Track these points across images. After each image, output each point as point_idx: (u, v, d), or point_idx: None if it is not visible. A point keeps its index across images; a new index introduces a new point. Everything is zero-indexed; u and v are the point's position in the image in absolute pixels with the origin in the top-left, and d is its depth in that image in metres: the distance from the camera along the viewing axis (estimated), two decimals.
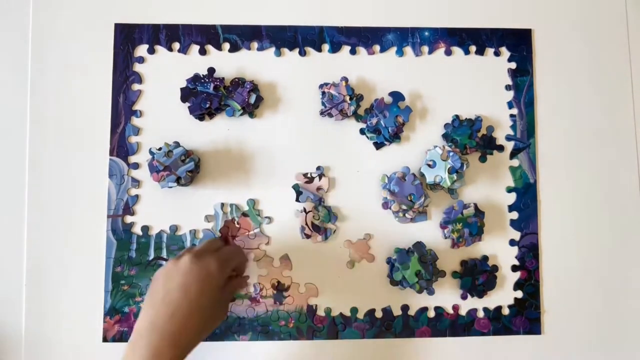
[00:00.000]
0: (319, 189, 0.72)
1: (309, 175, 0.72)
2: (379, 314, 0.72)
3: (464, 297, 0.72)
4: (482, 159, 0.75)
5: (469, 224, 0.71)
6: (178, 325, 0.58)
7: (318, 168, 0.73)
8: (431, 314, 0.72)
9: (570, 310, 0.74)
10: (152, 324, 0.58)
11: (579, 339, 0.74)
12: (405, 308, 0.72)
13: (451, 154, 0.70)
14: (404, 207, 0.69)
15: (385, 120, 0.73)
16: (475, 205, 0.72)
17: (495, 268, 0.73)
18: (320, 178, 0.72)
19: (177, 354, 0.58)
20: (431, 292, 0.70)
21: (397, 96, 0.74)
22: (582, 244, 0.75)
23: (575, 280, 0.74)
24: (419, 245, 0.71)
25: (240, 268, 0.67)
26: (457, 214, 0.72)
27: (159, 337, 0.57)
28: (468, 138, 0.74)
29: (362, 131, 0.74)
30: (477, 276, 0.72)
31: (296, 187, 0.72)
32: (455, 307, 0.72)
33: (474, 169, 0.74)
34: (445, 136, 0.74)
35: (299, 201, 0.72)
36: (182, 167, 0.68)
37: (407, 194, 0.70)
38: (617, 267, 0.75)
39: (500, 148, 0.75)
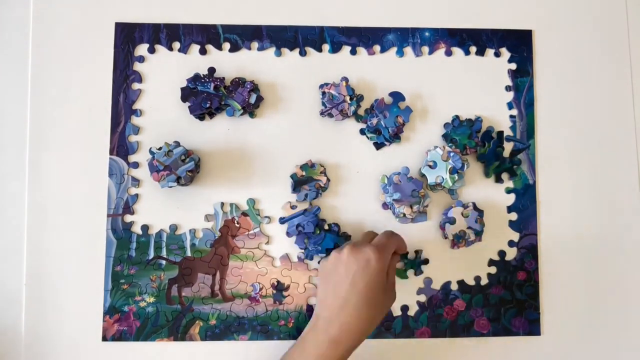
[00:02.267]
0: (317, 183, 0.75)
1: (308, 163, 0.75)
2: None
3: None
4: (482, 157, 0.76)
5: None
6: (350, 316, 0.63)
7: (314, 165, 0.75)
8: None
9: (569, 311, 0.76)
10: (328, 314, 0.64)
11: (579, 340, 0.75)
12: (405, 308, 0.74)
13: (452, 154, 0.72)
14: (412, 205, 0.71)
15: (386, 120, 0.75)
16: (474, 205, 0.74)
17: None
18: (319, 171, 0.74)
19: (353, 342, 0.64)
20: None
21: (397, 96, 0.76)
22: (581, 245, 0.76)
23: (574, 281, 0.76)
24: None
25: (401, 249, 0.70)
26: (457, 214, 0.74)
27: (335, 326, 0.63)
28: (467, 138, 0.75)
29: (362, 131, 0.76)
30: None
31: (294, 177, 0.74)
32: (455, 307, 0.74)
33: (475, 169, 0.76)
34: (445, 136, 0.76)
35: (295, 192, 0.74)
36: (182, 166, 0.70)
37: (410, 192, 0.72)
38: (617, 268, 0.76)
39: (500, 148, 0.76)
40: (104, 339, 0.72)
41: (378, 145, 0.76)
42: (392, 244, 0.68)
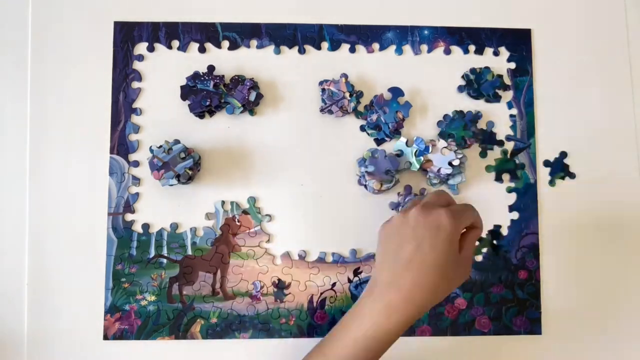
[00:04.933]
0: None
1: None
2: None
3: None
4: (483, 154, 0.80)
5: None
6: (412, 282, 0.59)
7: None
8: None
9: (570, 311, 0.78)
10: (387, 277, 0.61)
11: (580, 340, 0.78)
12: None
13: (416, 138, 0.77)
14: (384, 182, 0.75)
15: (385, 116, 0.78)
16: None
17: None
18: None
19: (412, 310, 0.60)
20: None
21: (396, 92, 0.80)
22: (582, 244, 0.80)
23: (575, 281, 0.79)
24: None
25: (476, 226, 0.65)
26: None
27: (394, 291, 0.60)
28: (463, 129, 0.79)
29: (362, 128, 0.79)
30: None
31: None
32: (457, 306, 0.78)
33: (475, 168, 0.80)
34: (441, 134, 0.79)
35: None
36: (181, 163, 0.73)
37: (384, 169, 0.76)
38: (618, 268, 0.80)
39: (501, 143, 0.80)
40: (105, 337, 0.75)
41: (379, 142, 0.79)
42: (469, 214, 0.63)
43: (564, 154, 0.81)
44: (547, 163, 0.81)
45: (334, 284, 0.78)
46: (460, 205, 0.64)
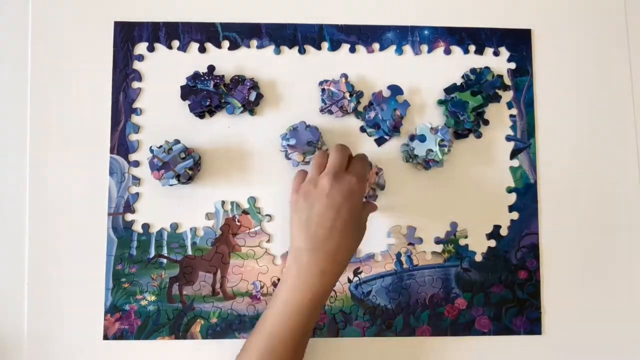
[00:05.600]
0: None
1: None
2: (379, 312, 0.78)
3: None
4: (477, 133, 0.81)
5: (460, 246, 0.79)
6: (336, 244, 0.66)
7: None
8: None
9: (570, 311, 0.79)
10: (311, 244, 0.66)
11: (580, 339, 0.79)
12: (406, 307, 0.78)
13: (441, 127, 0.77)
14: (307, 153, 0.76)
15: (383, 113, 0.79)
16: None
17: None
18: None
19: (338, 270, 0.68)
20: None
21: (395, 90, 0.80)
22: (582, 244, 0.80)
23: (575, 281, 0.80)
24: None
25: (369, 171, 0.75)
26: (450, 235, 0.80)
27: (321, 256, 0.66)
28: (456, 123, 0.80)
29: (362, 129, 0.80)
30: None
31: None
32: (457, 306, 0.79)
33: (475, 170, 0.81)
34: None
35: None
36: (181, 163, 0.74)
37: (306, 141, 0.77)
38: (618, 267, 0.80)
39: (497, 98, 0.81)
40: (105, 337, 0.76)
41: (379, 141, 0.80)
42: (367, 170, 0.73)
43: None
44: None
45: None
46: (359, 163, 0.71)
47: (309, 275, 0.66)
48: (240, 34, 0.81)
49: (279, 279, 0.78)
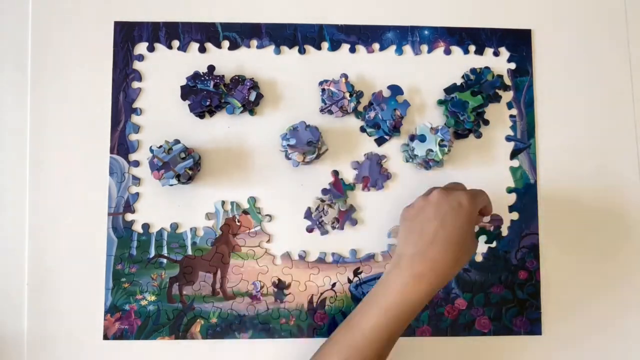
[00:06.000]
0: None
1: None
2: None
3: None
4: (477, 133, 0.81)
5: None
6: (437, 253, 0.66)
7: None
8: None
9: (570, 311, 0.80)
10: (412, 250, 0.66)
11: (580, 340, 0.79)
12: None
13: (441, 127, 0.77)
14: (307, 153, 0.76)
15: (383, 113, 0.79)
16: None
17: None
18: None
19: (436, 281, 0.66)
20: None
21: (395, 89, 0.81)
22: (582, 245, 0.81)
23: (575, 281, 0.80)
24: None
25: (487, 210, 0.72)
26: None
27: (420, 262, 0.66)
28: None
29: (362, 129, 0.80)
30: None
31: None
32: (457, 306, 0.79)
33: (475, 170, 0.81)
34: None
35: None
36: (181, 163, 0.74)
37: (306, 141, 0.76)
38: (618, 267, 0.81)
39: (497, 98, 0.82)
40: (105, 337, 0.76)
41: (379, 141, 0.80)
42: (484, 198, 0.70)
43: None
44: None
45: (334, 284, 0.79)
46: (477, 190, 0.70)
47: (406, 280, 0.66)
48: (240, 34, 0.81)
49: (279, 279, 0.78)
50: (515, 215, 0.81)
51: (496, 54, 0.83)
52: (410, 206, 0.70)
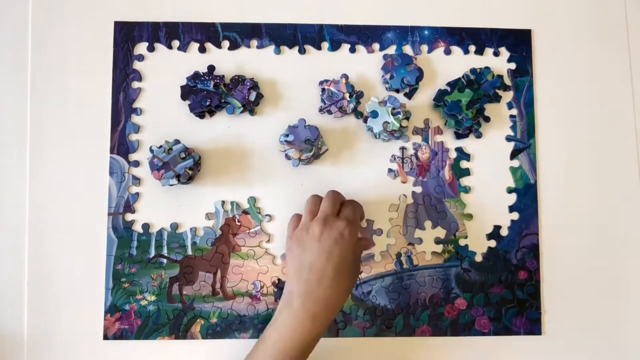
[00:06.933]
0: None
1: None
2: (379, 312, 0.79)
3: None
4: (477, 133, 0.81)
5: (460, 246, 0.80)
6: (328, 289, 0.68)
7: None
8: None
9: (570, 311, 0.80)
10: (303, 289, 0.68)
11: (580, 340, 0.80)
12: (406, 307, 0.79)
13: (389, 97, 0.78)
14: (303, 152, 0.76)
15: (392, 81, 0.80)
16: None
17: None
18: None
19: (331, 313, 0.70)
20: None
21: (405, 58, 0.81)
22: (582, 245, 0.81)
23: (575, 281, 0.80)
24: None
25: (362, 217, 0.77)
26: (450, 235, 0.81)
27: (313, 301, 0.67)
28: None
29: (368, 128, 0.79)
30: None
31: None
32: (457, 306, 0.79)
33: (475, 170, 0.81)
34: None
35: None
36: (180, 163, 0.74)
37: (304, 138, 0.77)
38: (618, 268, 0.81)
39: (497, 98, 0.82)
40: (105, 337, 0.76)
41: (376, 136, 0.80)
42: (358, 215, 0.74)
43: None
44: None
45: None
46: (349, 209, 0.73)
47: (300, 320, 0.67)
48: (240, 34, 0.82)
49: (279, 279, 0.78)
50: (515, 215, 0.81)
51: (496, 54, 0.83)
52: (291, 239, 0.72)
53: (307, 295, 0.68)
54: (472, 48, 0.83)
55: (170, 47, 0.81)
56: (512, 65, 0.83)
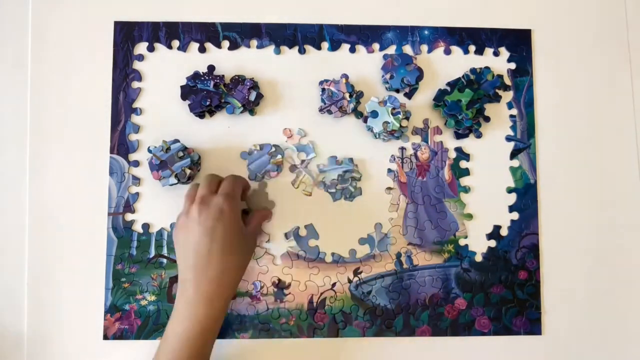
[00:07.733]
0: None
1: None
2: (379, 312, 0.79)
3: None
4: (477, 133, 0.82)
5: (460, 246, 0.81)
6: (218, 268, 0.68)
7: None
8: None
9: (570, 311, 0.80)
10: (194, 274, 0.68)
11: (580, 340, 0.80)
12: (406, 307, 0.79)
13: (388, 96, 0.78)
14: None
15: (392, 81, 0.80)
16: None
17: None
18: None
19: (228, 292, 0.70)
20: None
21: (405, 58, 0.82)
22: (582, 245, 0.81)
23: (575, 281, 0.81)
24: None
25: (247, 188, 0.76)
26: (450, 235, 0.81)
27: (205, 284, 0.67)
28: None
29: (368, 128, 0.79)
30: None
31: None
32: (457, 306, 0.80)
33: (475, 170, 0.82)
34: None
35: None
36: (178, 162, 0.75)
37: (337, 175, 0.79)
38: (619, 267, 0.81)
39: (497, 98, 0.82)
40: (105, 337, 0.77)
41: (376, 136, 0.80)
42: (238, 188, 0.72)
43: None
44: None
45: (334, 284, 0.79)
46: (227, 184, 0.72)
47: (196, 306, 0.67)
48: (240, 34, 0.82)
49: (279, 279, 0.79)
50: (515, 215, 0.81)
51: (496, 54, 0.83)
52: (176, 227, 0.71)
53: (198, 279, 0.68)
54: (472, 48, 0.83)
55: (170, 47, 0.81)
56: (512, 65, 0.83)
